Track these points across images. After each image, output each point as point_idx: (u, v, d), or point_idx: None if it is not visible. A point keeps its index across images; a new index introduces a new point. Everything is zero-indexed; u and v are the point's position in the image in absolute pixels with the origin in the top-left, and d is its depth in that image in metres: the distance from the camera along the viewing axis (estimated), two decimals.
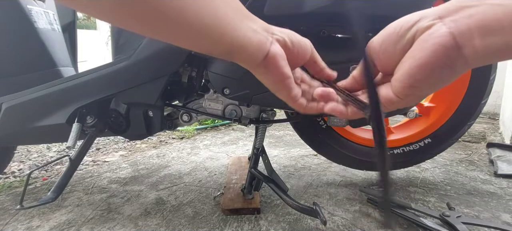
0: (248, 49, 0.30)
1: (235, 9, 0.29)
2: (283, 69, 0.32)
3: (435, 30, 0.26)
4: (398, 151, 1.01)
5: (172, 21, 0.25)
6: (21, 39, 0.88)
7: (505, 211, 0.86)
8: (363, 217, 0.85)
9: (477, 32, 0.24)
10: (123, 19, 0.25)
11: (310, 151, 1.41)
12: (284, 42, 0.32)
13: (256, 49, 0.30)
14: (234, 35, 0.29)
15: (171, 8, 0.24)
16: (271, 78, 0.33)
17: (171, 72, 0.74)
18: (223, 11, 0.28)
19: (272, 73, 0.32)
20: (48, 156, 1.56)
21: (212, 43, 0.28)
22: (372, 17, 0.65)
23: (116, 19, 0.25)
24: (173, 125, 0.90)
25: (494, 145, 1.35)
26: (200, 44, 0.29)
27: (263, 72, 0.32)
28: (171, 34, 0.27)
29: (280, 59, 0.31)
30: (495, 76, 0.91)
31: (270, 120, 0.86)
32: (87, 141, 0.81)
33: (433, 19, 0.26)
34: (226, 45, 0.29)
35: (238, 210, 0.87)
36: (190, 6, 0.25)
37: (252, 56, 0.31)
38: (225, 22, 0.28)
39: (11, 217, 0.91)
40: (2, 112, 0.82)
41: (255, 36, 0.30)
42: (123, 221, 0.87)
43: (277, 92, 0.34)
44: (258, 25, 0.31)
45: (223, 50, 0.30)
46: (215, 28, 0.27)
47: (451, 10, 0.26)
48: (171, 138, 1.79)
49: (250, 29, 0.30)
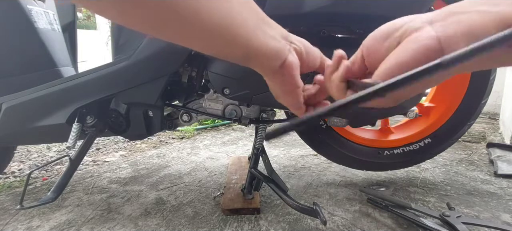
0: (266, 55, 0.30)
1: (251, 12, 0.29)
2: (296, 79, 0.32)
3: (423, 33, 0.26)
4: (398, 151, 1.01)
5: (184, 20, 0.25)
6: (21, 39, 0.88)
7: (505, 211, 0.86)
8: (363, 217, 0.85)
9: (463, 38, 0.24)
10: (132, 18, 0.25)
11: (310, 151, 1.41)
12: (300, 52, 0.33)
13: (275, 56, 0.30)
14: (250, 38, 0.28)
15: (185, 7, 0.24)
16: (283, 86, 0.33)
17: (171, 72, 0.74)
18: (238, 12, 0.27)
19: (286, 82, 0.32)
20: (48, 156, 1.56)
21: (226, 45, 0.28)
22: (371, 18, 0.65)
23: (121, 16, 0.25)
24: (173, 125, 0.90)
25: (494, 145, 1.35)
26: (213, 45, 0.29)
27: (277, 78, 0.32)
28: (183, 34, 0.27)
29: (295, 68, 0.32)
30: (495, 76, 0.91)
31: (270, 120, 0.86)
32: (87, 141, 0.81)
33: (423, 22, 0.27)
34: (242, 49, 0.29)
35: (238, 210, 0.87)
36: (204, 5, 0.25)
37: (270, 62, 0.31)
38: (239, 23, 0.27)
39: (11, 217, 0.91)
40: (2, 112, 0.82)
41: (273, 43, 0.30)
42: (123, 221, 0.87)
43: (283, 99, 0.35)
44: (277, 31, 0.31)
45: (239, 54, 0.29)
46: (228, 28, 0.27)
47: (442, 15, 0.26)
48: (171, 138, 1.79)
49: (268, 35, 0.30)
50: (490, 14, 0.23)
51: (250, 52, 0.29)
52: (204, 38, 0.27)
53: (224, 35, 0.27)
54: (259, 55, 0.30)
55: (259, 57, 0.30)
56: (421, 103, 1.04)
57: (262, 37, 0.29)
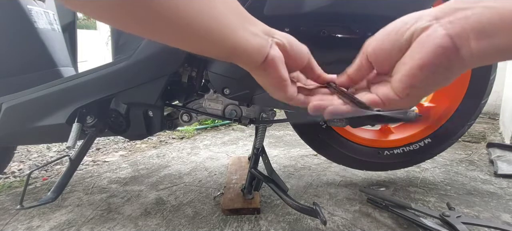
0: (247, 52, 0.30)
1: (235, 12, 0.30)
2: (281, 72, 0.33)
3: (432, 31, 0.26)
4: (398, 151, 1.01)
5: (168, 22, 0.25)
6: (21, 39, 0.88)
7: (505, 211, 0.86)
8: (363, 217, 0.85)
9: (473, 35, 0.24)
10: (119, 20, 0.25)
11: (310, 151, 1.41)
12: (283, 46, 0.33)
13: (256, 52, 0.31)
14: (234, 38, 0.29)
15: (167, 8, 0.24)
16: (269, 80, 0.33)
17: (171, 72, 0.74)
18: (222, 13, 0.28)
19: (270, 76, 0.33)
20: (48, 156, 1.56)
21: (211, 45, 0.29)
22: (371, 18, 0.65)
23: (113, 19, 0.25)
24: (173, 125, 0.90)
25: (494, 145, 1.35)
26: (199, 46, 0.29)
27: (261, 74, 0.33)
28: (168, 35, 0.27)
29: (279, 62, 0.32)
30: (495, 76, 0.91)
31: (270, 120, 0.86)
32: (87, 141, 0.81)
33: (430, 20, 0.27)
34: (226, 48, 0.29)
35: (238, 210, 0.87)
36: (187, 6, 0.25)
37: (252, 58, 0.31)
38: (224, 24, 0.28)
39: (11, 217, 0.91)
40: (2, 112, 0.82)
41: (255, 40, 0.30)
42: (123, 221, 0.87)
43: (273, 93, 0.35)
44: (259, 28, 0.32)
45: (223, 53, 0.30)
46: (214, 30, 0.28)
47: (447, 11, 0.26)
48: (171, 138, 1.79)
49: (250, 32, 0.30)
50: (499, 10, 0.23)
51: (234, 51, 0.30)
52: (189, 40, 0.28)
53: (210, 36, 0.28)
54: (242, 53, 0.30)
55: (243, 55, 0.30)
56: (421, 103, 1.04)
57: (245, 35, 0.30)
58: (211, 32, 0.27)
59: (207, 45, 0.29)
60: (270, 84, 0.34)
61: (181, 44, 0.28)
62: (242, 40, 0.29)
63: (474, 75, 0.91)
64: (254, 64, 0.32)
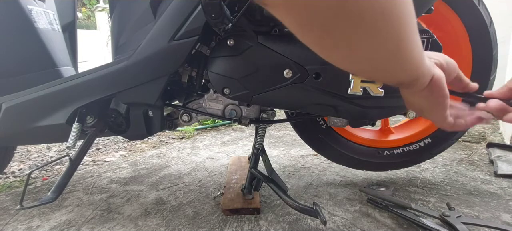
0: (425, 77, 0.31)
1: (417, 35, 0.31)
2: (445, 91, 0.33)
3: None
4: (398, 151, 1.01)
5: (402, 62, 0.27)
6: (21, 39, 0.88)
7: (505, 211, 0.86)
8: (363, 217, 0.85)
9: None
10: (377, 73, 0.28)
11: (310, 151, 1.41)
12: (441, 65, 0.34)
13: (427, 74, 0.31)
14: (423, 65, 0.30)
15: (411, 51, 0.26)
16: (433, 99, 0.34)
17: (171, 72, 0.74)
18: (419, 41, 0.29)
19: (435, 95, 0.33)
20: (48, 156, 1.56)
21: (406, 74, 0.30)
22: None
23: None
24: (173, 125, 0.90)
25: (494, 145, 1.35)
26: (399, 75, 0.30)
27: (425, 95, 0.33)
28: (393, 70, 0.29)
29: (443, 80, 0.33)
30: (495, 76, 0.91)
31: (270, 120, 0.86)
32: (87, 141, 0.81)
33: None
34: (415, 75, 0.30)
35: (238, 210, 0.87)
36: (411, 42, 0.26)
37: (424, 80, 0.32)
38: (421, 57, 0.29)
39: (11, 217, 0.91)
40: (2, 112, 0.82)
41: (426, 62, 0.31)
42: (123, 221, 0.87)
43: (432, 112, 0.36)
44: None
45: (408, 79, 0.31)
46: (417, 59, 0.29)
47: None
48: (171, 138, 1.79)
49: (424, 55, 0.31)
50: None
51: (421, 76, 0.30)
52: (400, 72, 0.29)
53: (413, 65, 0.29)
54: (423, 78, 0.31)
55: (422, 79, 0.31)
56: None
57: (425, 61, 0.30)
58: (415, 61, 0.28)
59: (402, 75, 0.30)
60: (434, 104, 0.34)
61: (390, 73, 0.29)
62: (425, 66, 0.30)
63: (474, 75, 0.91)
64: (422, 86, 0.32)
